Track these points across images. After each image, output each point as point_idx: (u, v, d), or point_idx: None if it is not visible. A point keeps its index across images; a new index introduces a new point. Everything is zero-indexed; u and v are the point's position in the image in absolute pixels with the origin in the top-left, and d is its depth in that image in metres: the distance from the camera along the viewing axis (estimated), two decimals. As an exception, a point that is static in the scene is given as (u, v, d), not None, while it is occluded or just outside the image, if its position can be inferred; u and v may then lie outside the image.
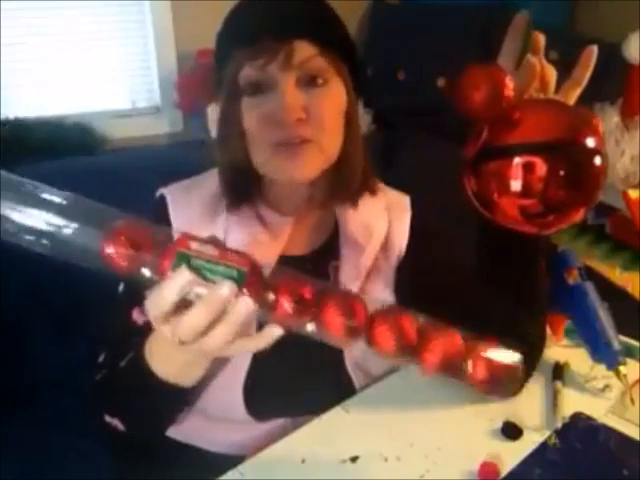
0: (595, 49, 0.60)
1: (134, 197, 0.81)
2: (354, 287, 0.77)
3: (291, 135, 0.69)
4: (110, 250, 0.48)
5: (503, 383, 0.52)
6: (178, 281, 0.47)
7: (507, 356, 0.52)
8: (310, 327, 0.52)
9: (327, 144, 0.71)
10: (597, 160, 0.51)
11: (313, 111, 0.69)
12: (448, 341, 0.51)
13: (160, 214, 0.78)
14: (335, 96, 0.72)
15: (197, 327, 0.49)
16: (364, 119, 2.07)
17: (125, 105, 1.98)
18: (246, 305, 0.49)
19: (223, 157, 0.76)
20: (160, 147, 1.89)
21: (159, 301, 0.49)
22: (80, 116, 1.82)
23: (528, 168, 0.51)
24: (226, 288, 0.48)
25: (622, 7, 1.97)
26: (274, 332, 0.52)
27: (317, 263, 0.79)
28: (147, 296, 0.50)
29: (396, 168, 1.84)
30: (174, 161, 0.78)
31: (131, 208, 0.77)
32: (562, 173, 0.50)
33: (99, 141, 1.79)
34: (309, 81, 0.69)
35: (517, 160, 0.51)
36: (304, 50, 0.68)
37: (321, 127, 0.70)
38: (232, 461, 0.70)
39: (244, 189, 0.77)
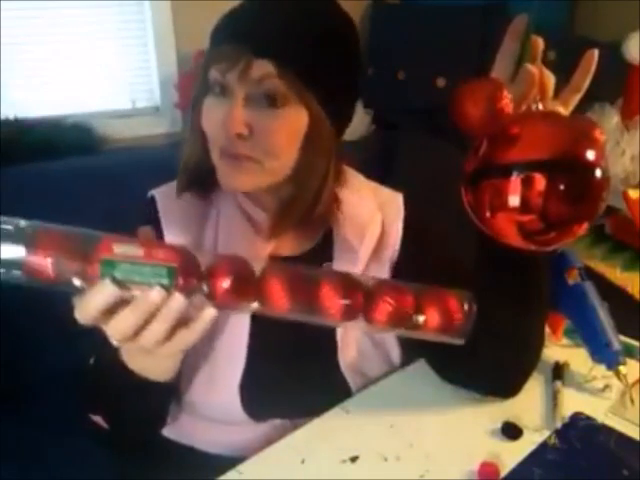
0: (596, 53, 0.58)
1: (133, 197, 0.81)
2: None
3: (229, 147, 0.68)
4: (35, 262, 0.47)
5: (457, 325, 0.57)
6: (101, 294, 0.48)
7: (458, 301, 0.57)
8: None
9: (270, 165, 0.69)
10: (597, 173, 0.49)
11: (259, 131, 0.67)
12: (398, 299, 0.56)
13: (150, 215, 0.78)
14: (291, 122, 0.68)
15: (125, 330, 0.51)
16: (364, 119, 2.07)
17: (125, 105, 1.97)
18: (177, 302, 0.50)
19: (185, 151, 0.76)
20: (160, 147, 1.88)
21: (85, 310, 0.50)
22: (80, 116, 1.81)
23: (527, 183, 0.49)
24: (155, 295, 0.49)
25: (622, 7, 1.97)
26: (209, 313, 0.52)
27: (310, 264, 0.79)
28: (75, 303, 0.50)
29: (396, 168, 1.84)
30: (174, 161, 0.78)
31: (130, 208, 0.77)
32: (562, 188, 0.49)
33: (99, 141, 1.78)
34: (267, 100, 0.67)
35: (516, 176, 0.50)
36: (262, 68, 0.65)
37: (265, 149, 0.68)
38: (232, 462, 0.69)
39: (199, 184, 0.77)
